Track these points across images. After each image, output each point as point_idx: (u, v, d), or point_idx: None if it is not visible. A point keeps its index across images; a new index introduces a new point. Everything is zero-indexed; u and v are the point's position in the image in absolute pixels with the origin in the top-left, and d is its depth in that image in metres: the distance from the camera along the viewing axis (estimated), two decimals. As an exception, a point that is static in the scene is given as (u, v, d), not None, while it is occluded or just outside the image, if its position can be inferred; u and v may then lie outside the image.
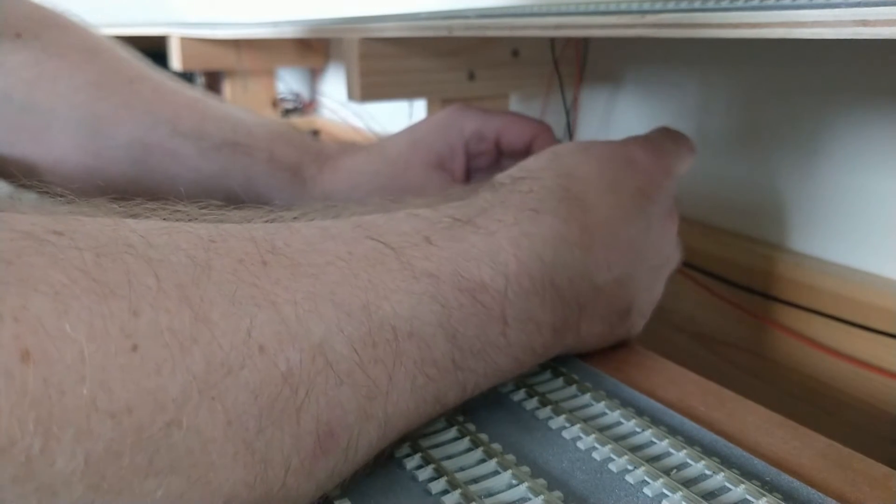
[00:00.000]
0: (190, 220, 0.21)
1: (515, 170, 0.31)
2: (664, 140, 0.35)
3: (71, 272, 0.16)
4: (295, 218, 0.24)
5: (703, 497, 0.23)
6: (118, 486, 0.15)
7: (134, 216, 0.20)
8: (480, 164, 0.44)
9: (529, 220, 0.27)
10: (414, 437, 0.26)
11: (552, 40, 0.57)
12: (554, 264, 0.27)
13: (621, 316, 0.32)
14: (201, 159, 0.44)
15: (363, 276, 0.21)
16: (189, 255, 0.18)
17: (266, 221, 0.23)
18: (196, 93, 0.48)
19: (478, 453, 0.25)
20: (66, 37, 0.46)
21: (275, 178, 0.44)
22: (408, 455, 0.25)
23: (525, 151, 0.42)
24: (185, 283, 0.17)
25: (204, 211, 0.22)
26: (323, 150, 0.46)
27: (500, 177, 0.30)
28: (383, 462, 0.25)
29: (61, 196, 0.21)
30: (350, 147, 0.47)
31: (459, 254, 0.24)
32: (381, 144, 0.45)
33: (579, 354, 0.33)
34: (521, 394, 0.29)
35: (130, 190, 0.43)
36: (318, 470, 0.20)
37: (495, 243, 0.26)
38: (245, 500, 0.18)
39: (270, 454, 0.18)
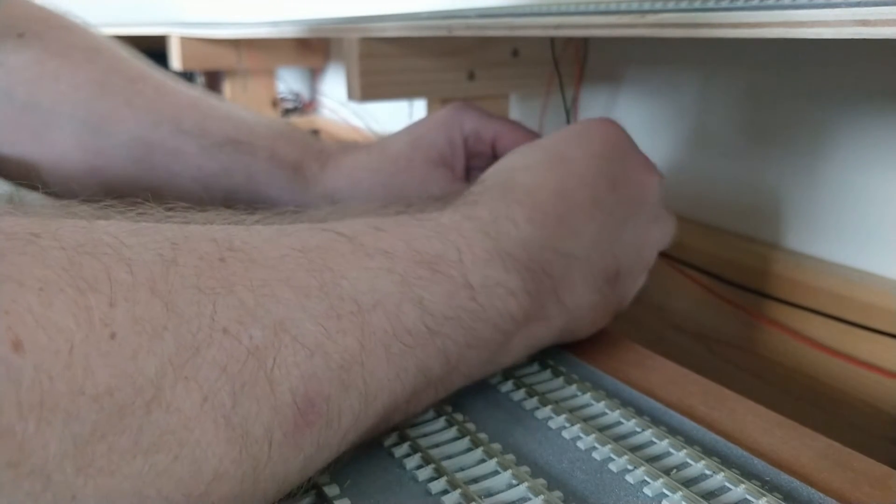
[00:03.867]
0: (156, 223, 0.22)
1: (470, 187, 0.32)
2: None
3: (54, 269, 0.17)
4: (256, 221, 0.25)
5: (703, 497, 0.23)
6: (107, 467, 0.16)
7: (104, 218, 0.21)
8: (478, 165, 0.44)
9: (469, 209, 0.29)
10: (414, 437, 0.26)
11: (552, 40, 0.57)
12: (499, 238, 0.28)
13: (609, 280, 0.32)
14: (203, 157, 0.44)
15: (318, 261, 0.22)
16: (157, 253, 0.19)
17: (228, 224, 0.24)
18: (197, 92, 0.48)
19: (477, 453, 0.25)
20: (68, 37, 0.46)
21: (276, 176, 0.44)
22: (408, 455, 0.25)
23: None
24: (154, 278, 0.19)
25: (170, 213, 0.23)
26: (324, 148, 0.46)
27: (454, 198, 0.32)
28: (383, 462, 0.25)
29: (60, 197, 0.22)
30: (351, 146, 0.47)
31: (410, 235, 0.26)
32: (382, 143, 0.45)
33: (579, 351, 0.33)
34: (520, 393, 0.29)
35: (133, 188, 0.43)
36: (304, 442, 0.20)
37: (440, 226, 0.27)
38: (234, 475, 0.19)
39: (250, 427, 0.19)
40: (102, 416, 0.16)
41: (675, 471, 0.24)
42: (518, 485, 0.23)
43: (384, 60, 0.51)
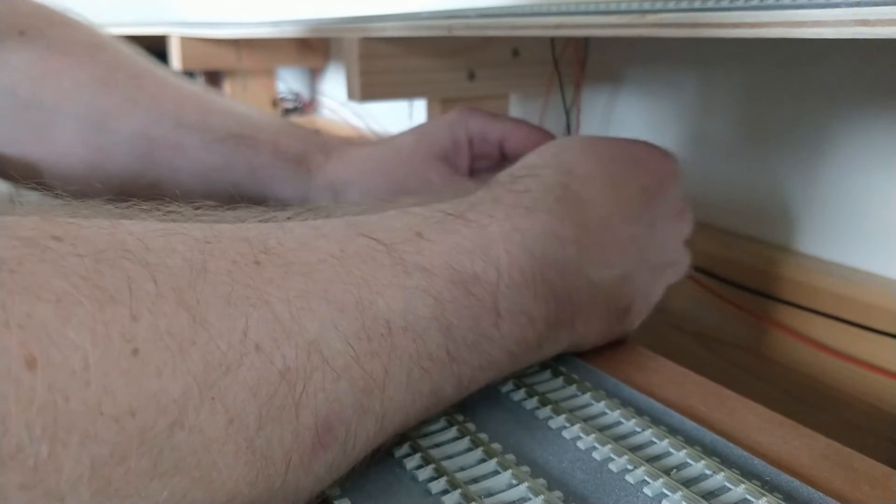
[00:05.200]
0: (185, 221, 0.21)
1: (517, 167, 0.31)
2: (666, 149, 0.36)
3: (72, 279, 0.16)
4: (288, 218, 0.24)
5: (703, 497, 0.23)
6: (124, 490, 0.16)
7: (129, 218, 0.20)
8: (484, 167, 0.44)
9: (521, 217, 0.27)
10: (414, 437, 0.26)
11: (552, 40, 0.57)
12: (544, 259, 0.27)
13: (619, 315, 0.32)
14: (206, 152, 0.44)
15: (355, 272, 0.22)
16: (185, 258, 0.18)
17: (260, 221, 0.23)
18: (199, 88, 0.48)
19: (478, 453, 0.25)
20: (70, 34, 0.46)
21: (280, 169, 0.44)
22: (408, 455, 0.25)
23: None
24: (181, 287, 0.17)
25: (199, 212, 0.23)
26: (328, 141, 0.46)
27: (501, 175, 0.31)
28: (384, 462, 0.25)
29: (60, 197, 0.21)
30: (355, 140, 0.47)
31: (451, 247, 0.25)
32: (388, 138, 0.45)
33: (579, 353, 0.33)
34: (521, 393, 0.29)
35: (134, 184, 0.43)
36: (317, 465, 0.20)
37: (486, 236, 0.26)
38: (247, 497, 0.18)
39: (271, 451, 0.18)
40: (123, 438, 0.15)
41: (675, 471, 0.24)
42: (518, 485, 0.23)
43: (384, 60, 0.51)
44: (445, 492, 0.23)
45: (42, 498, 0.14)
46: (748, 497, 0.23)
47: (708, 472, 0.24)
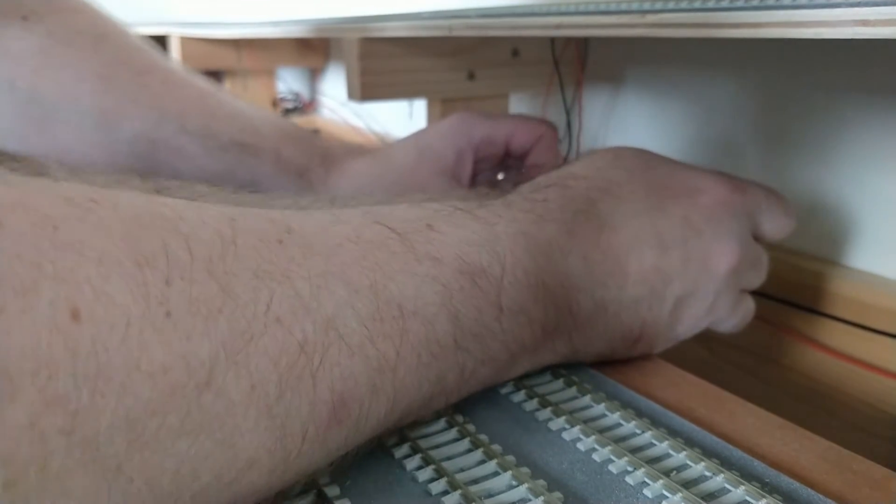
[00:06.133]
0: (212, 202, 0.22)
1: (549, 176, 0.31)
2: (754, 185, 0.33)
3: (113, 239, 0.17)
4: (308, 205, 0.25)
5: (702, 498, 0.23)
6: (154, 445, 0.16)
7: (162, 194, 0.21)
8: (485, 167, 0.44)
9: (530, 223, 0.28)
10: (414, 438, 0.26)
11: (552, 40, 0.57)
12: (547, 268, 0.27)
13: (627, 341, 0.31)
14: (208, 158, 0.44)
15: (370, 257, 0.22)
16: (216, 231, 0.19)
17: (281, 207, 0.24)
18: (205, 84, 0.47)
19: (478, 454, 0.25)
20: (73, 21, 0.45)
21: (281, 179, 0.44)
22: (408, 455, 0.25)
23: (529, 151, 0.43)
24: (212, 258, 0.18)
25: (223, 195, 0.23)
26: (329, 151, 0.46)
27: (525, 186, 0.31)
28: (384, 462, 0.25)
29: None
30: (356, 149, 0.47)
31: (460, 239, 0.25)
32: (388, 150, 0.45)
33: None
34: (521, 395, 0.29)
35: None
36: (331, 440, 0.21)
37: (493, 233, 0.26)
38: (265, 465, 0.19)
39: (289, 420, 0.19)
40: (156, 394, 0.16)
41: (675, 472, 0.24)
42: (518, 486, 0.23)
43: (384, 60, 0.51)
44: (445, 493, 0.23)
45: (79, 444, 0.15)
46: (748, 499, 0.23)
47: (708, 473, 0.24)
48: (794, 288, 0.44)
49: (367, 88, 0.51)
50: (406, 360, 0.22)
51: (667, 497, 0.23)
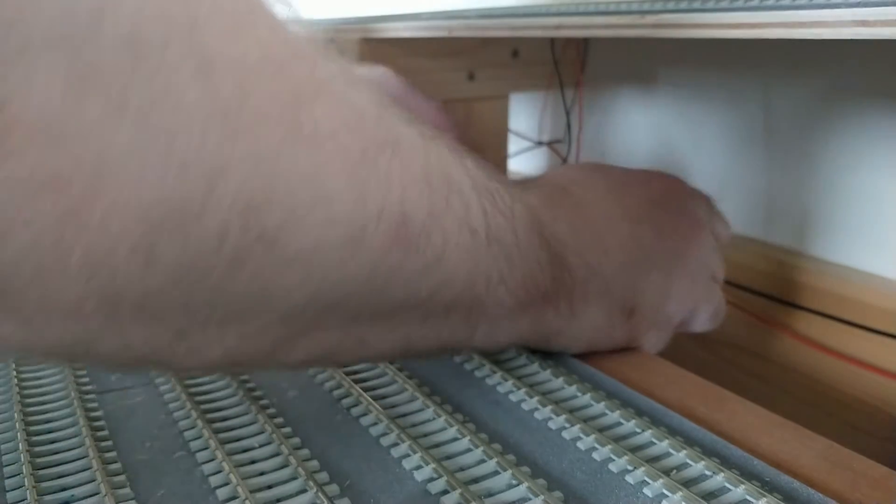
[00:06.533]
0: None
1: (515, 180, 0.33)
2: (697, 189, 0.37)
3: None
4: None
5: (702, 497, 0.23)
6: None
7: None
8: None
9: (521, 193, 0.29)
10: (413, 437, 0.26)
11: (552, 40, 0.57)
12: (541, 224, 0.29)
13: (623, 312, 0.32)
14: None
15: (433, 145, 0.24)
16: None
17: None
18: None
19: (477, 453, 0.25)
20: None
21: None
22: (407, 455, 0.25)
23: None
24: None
25: None
26: None
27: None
28: (383, 462, 0.25)
29: None
30: None
31: (482, 173, 0.26)
32: None
33: (579, 355, 0.33)
34: (520, 394, 0.29)
35: None
36: (391, 256, 0.21)
37: (499, 180, 0.28)
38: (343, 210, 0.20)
39: (367, 191, 0.20)
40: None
41: (674, 471, 0.24)
42: (518, 485, 0.23)
43: (384, 61, 0.51)
44: (445, 492, 0.23)
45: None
46: (748, 498, 0.23)
47: (708, 472, 0.24)
48: (794, 288, 0.44)
49: (367, 88, 0.51)
50: (448, 221, 0.23)
51: (667, 496, 0.23)
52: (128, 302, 0.17)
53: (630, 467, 0.24)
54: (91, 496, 0.23)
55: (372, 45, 0.50)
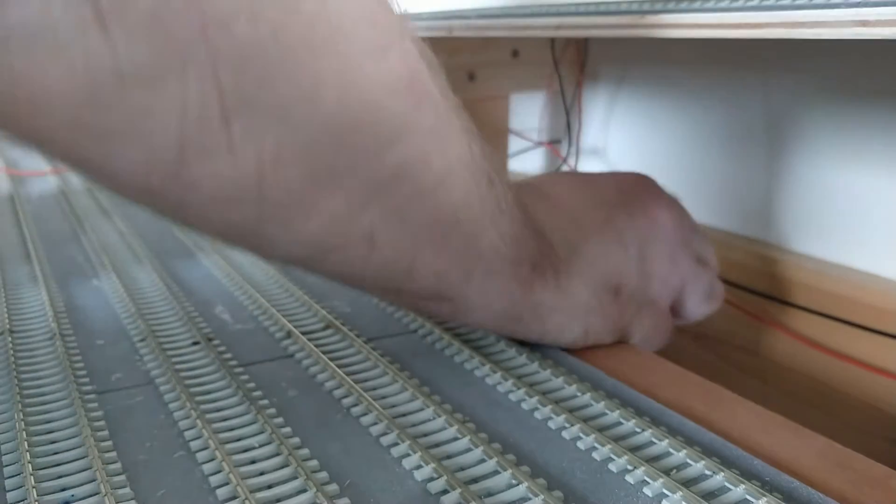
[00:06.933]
0: None
1: None
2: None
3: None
4: None
5: (702, 497, 0.23)
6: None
7: None
8: None
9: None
10: (413, 436, 0.26)
11: (552, 40, 0.57)
12: (525, 207, 0.30)
13: (609, 291, 0.33)
14: None
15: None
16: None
17: None
18: None
19: (477, 452, 0.25)
20: None
21: None
22: (407, 454, 0.25)
23: None
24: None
25: None
26: None
27: None
28: (383, 461, 0.25)
29: None
30: None
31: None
32: None
33: (579, 351, 0.33)
34: (520, 393, 0.29)
35: None
36: (412, 97, 0.25)
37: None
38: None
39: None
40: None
41: (674, 471, 0.24)
42: (518, 485, 0.23)
43: (384, 61, 0.51)
44: (445, 491, 0.23)
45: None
46: (748, 497, 0.23)
47: (708, 472, 0.24)
48: (795, 288, 0.44)
49: (367, 88, 0.51)
50: (453, 135, 0.25)
51: (667, 496, 0.23)
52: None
53: (630, 467, 0.24)
54: (91, 496, 0.23)
55: (372, 45, 0.50)
